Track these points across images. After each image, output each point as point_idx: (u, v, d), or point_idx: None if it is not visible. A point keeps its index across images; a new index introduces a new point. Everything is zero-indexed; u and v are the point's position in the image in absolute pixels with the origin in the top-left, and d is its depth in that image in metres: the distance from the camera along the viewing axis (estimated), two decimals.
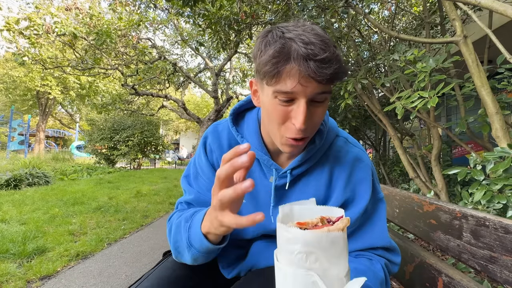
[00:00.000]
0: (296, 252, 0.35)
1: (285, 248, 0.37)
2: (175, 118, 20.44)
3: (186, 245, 0.55)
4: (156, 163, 14.17)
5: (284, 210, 0.41)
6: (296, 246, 0.35)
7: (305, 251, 0.35)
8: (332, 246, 0.35)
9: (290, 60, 0.46)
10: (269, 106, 0.53)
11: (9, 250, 2.14)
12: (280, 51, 0.47)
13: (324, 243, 0.34)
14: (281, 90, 0.48)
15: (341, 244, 0.36)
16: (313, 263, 0.35)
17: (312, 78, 0.46)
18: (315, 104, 0.51)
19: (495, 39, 1.22)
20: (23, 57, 7.03)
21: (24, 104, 18.15)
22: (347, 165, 0.63)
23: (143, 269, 2.09)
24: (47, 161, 9.41)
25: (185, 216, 0.59)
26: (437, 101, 1.27)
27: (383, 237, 0.62)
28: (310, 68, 0.45)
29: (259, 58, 0.50)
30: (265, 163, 0.64)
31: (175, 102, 9.60)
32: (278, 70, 0.47)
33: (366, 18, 2.21)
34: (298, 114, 0.49)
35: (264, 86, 0.52)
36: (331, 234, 0.34)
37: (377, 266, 0.59)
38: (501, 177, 1.08)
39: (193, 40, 9.55)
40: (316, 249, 0.35)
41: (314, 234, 0.34)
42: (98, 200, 4.18)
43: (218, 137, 0.68)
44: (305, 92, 0.48)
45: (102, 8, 8.92)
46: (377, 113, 2.52)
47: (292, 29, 0.49)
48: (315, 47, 0.46)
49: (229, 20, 3.43)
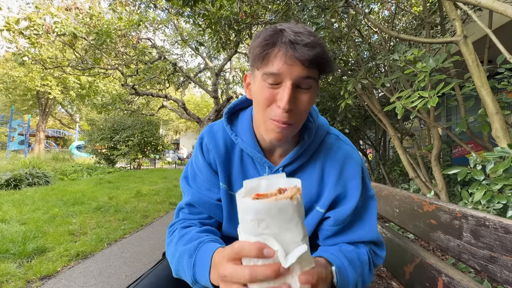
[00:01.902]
0: (249, 220, 0.39)
1: (241, 218, 0.40)
2: (175, 118, 20.43)
3: (191, 281, 0.53)
4: (156, 163, 14.17)
5: (251, 184, 0.43)
6: (249, 216, 0.38)
7: (257, 219, 0.38)
8: (280, 213, 0.38)
9: (278, 43, 0.51)
10: (257, 90, 0.56)
11: (9, 250, 2.14)
12: (271, 36, 0.52)
13: (273, 211, 0.37)
14: (269, 71, 0.52)
15: (290, 211, 0.38)
16: (264, 229, 0.38)
17: (297, 59, 0.50)
18: (301, 90, 0.54)
19: (495, 39, 1.22)
20: (23, 57, 7.03)
21: (24, 104, 18.15)
22: (338, 162, 0.64)
23: (143, 269, 2.09)
24: (47, 161, 9.40)
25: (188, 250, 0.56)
26: (437, 101, 1.27)
27: (371, 233, 0.63)
28: (296, 50, 0.50)
29: (253, 48, 0.55)
30: (258, 161, 0.65)
31: (175, 102, 9.60)
32: (267, 51, 0.52)
33: (366, 18, 2.21)
34: (283, 96, 0.52)
35: (255, 72, 0.56)
36: (279, 202, 0.38)
37: (362, 250, 0.62)
38: (501, 177, 1.08)
39: (193, 40, 9.56)
40: (266, 216, 0.38)
41: (263, 203, 0.37)
42: (98, 200, 4.18)
43: (213, 136, 0.69)
44: (290, 74, 0.51)
45: (102, 8, 8.92)
46: (377, 113, 2.52)
47: (285, 24, 0.54)
48: (303, 35, 0.51)
49: (229, 20, 3.43)
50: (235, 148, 0.68)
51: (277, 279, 0.38)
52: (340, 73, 2.73)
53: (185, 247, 0.57)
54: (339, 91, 2.47)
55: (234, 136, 0.67)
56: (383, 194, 1.20)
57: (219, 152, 0.67)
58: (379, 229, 1.10)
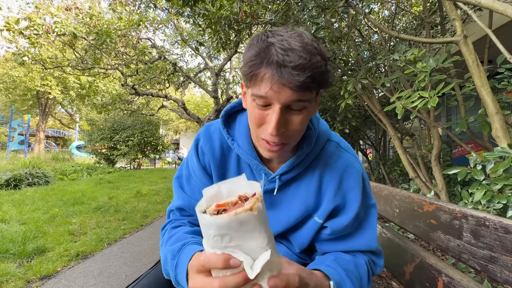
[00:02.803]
0: (212, 236, 0.38)
1: (204, 233, 0.40)
2: (175, 118, 20.43)
3: (174, 282, 0.54)
4: (156, 163, 14.18)
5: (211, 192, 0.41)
6: (211, 231, 0.38)
7: (219, 234, 0.38)
8: (242, 226, 0.37)
9: (264, 65, 0.46)
10: (249, 108, 0.54)
11: (9, 250, 2.14)
12: (257, 54, 0.47)
13: (234, 225, 0.37)
14: (257, 94, 0.49)
15: (252, 222, 0.37)
16: (228, 242, 0.38)
17: (284, 85, 0.46)
18: (292, 112, 0.50)
19: (495, 39, 1.22)
20: (23, 57, 7.02)
21: (24, 104, 18.14)
22: (337, 172, 0.63)
23: (143, 269, 2.09)
24: (47, 161, 9.39)
25: (172, 250, 0.56)
26: (437, 101, 1.27)
27: (370, 243, 0.62)
28: (282, 75, 0.45)
29: (243, 60, 0.51)
30: (254, 168, 0.64)
31: (175, 102, 9.59)
32: (254, 73, 0.47)
33: (366, 18, 2.21)
34: (271, 120, 0.49)
35: (247, 88, 0.53)
36: (240, 216, 0.36)
37: (360, 260, 0.60)
38: (501, 177, 1.08)
39: (193, 40, 9.55)
40: (228, 231, 0.37)
41: (223, 219, 0.36)
42: (98, 200, 4.18)
43: (210, 138, 0.67)
44: (278, 99, 0.47)
45: (102, 8, 8.92)
46: (377, 113, 2.52)
47: (278, 34, 0.48)
48: (293, 53, 0.45)
49: (229, 20, 3.43)
50: (232, 152, 0.66)
51: (248, 283, 0.39)
52: (340, 73, 2.73)
53: (171, 247, 0.57)
54: (339, 91, 2.47)
55: (231, 141, 0.64)
56: (383, 194, 1.20)
57: (215, 156, 0.66)
58: (379, 229, 1.10)
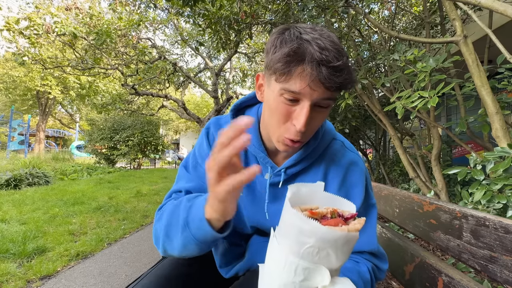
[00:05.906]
0: (307, 246, 0.34)
1: (295, 237, 0.35)
2: (175, 118, 20.44)
3: (182, 225, 0.49)
4: (156, 163, 14.18)
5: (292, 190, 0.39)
6: (310, 240, 0.34)
7: (318, 246, 0.34)
8: (345, 245, 0.35)
9: (304, 62, 0.47)
10: (273, 102, 0.53)
11: (9, 250, 2.14)
12: (296, 51, 0.47)
13: (340, 242, 0.34)
14: (289, 89, 0.49)
15: (352, 243, 0.36)
16: (323, 258, 0.34)
17: (322, 84, 0.47)
18: (318, 109, 0.52)
19: (495, 39, 1.22)
20: (23, 57, 7.03)
21: (24, 104, 18.14)
22: (342, 167, 0.64)
23: (143, 269, 2.09)
24: (47, 161, 9.40)
25: (187, 197, 0.55)
26: (437, 101, 1.27)
27: (371, 243, 0.62)
28: (322, 74, 0.46)
29: (272, 54, 0.50)
30: (261, 160, 0.65)
31: (175, 102, 9.60)
32: (290, 69, 0.48)
33: (366, 18, 2.21)
34: (300, 116, 0.50)
35: (271, 82, 0.52)
36: (350, 234, 0.34)
37: (363, 268, 0.59)
38: (501, 177, 1.08)
39: (193, 40, 9.55)
40: (330, 246, 0.34)
41: (333, 232, 0.33)
42: (98, 200, 4.18)
43: (220, 128, 0.68)
44: (311, 96, 0.48)
45: (102, 8, 8.91)
46: (377, 113, 2.52)
47: (309, 32, 0.49)
48: (330, 53, 0.46)
49: (229, 20, 3.43)
50: None
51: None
52: None
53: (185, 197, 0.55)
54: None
55: None
56: (383, 194, 1.20)
57: None
58: (379, 229, 1.10)
